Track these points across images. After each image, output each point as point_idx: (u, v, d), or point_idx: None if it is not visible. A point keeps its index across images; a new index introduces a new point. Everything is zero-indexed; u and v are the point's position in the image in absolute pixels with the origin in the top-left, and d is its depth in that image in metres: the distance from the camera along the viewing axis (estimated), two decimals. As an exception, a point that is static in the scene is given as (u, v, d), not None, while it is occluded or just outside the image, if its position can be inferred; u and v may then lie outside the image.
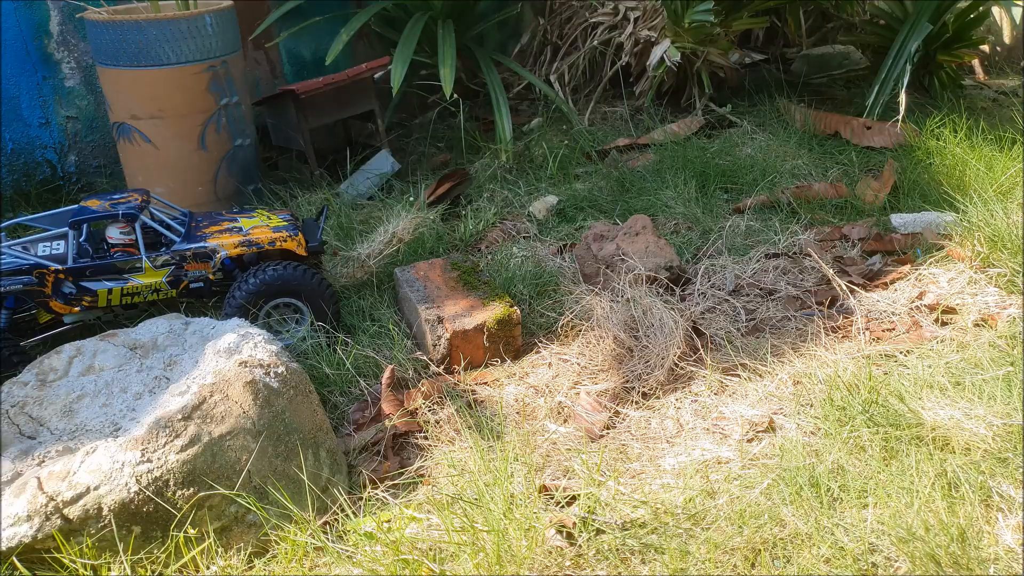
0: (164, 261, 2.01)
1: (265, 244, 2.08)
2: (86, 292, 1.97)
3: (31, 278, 1.94)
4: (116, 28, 2.47)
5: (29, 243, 2.02)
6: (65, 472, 1.39)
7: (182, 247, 2.02)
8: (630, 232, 2.39)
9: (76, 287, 1.96)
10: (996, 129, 3.08)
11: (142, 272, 1.99)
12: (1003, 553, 1.35)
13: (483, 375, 2.03)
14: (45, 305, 1.98)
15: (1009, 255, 2.18)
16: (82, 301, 1.98)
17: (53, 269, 1.94)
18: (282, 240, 2.09)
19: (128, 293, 2.00)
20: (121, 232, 2.00)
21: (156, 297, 2.03)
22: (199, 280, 2.04)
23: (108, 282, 1.98)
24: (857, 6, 4.11)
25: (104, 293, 1.98)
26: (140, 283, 2.00)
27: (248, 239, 2.08)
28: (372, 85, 3.16)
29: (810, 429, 1.69)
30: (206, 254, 2.03)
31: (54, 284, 1.95)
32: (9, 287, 1.92)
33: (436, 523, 1.49)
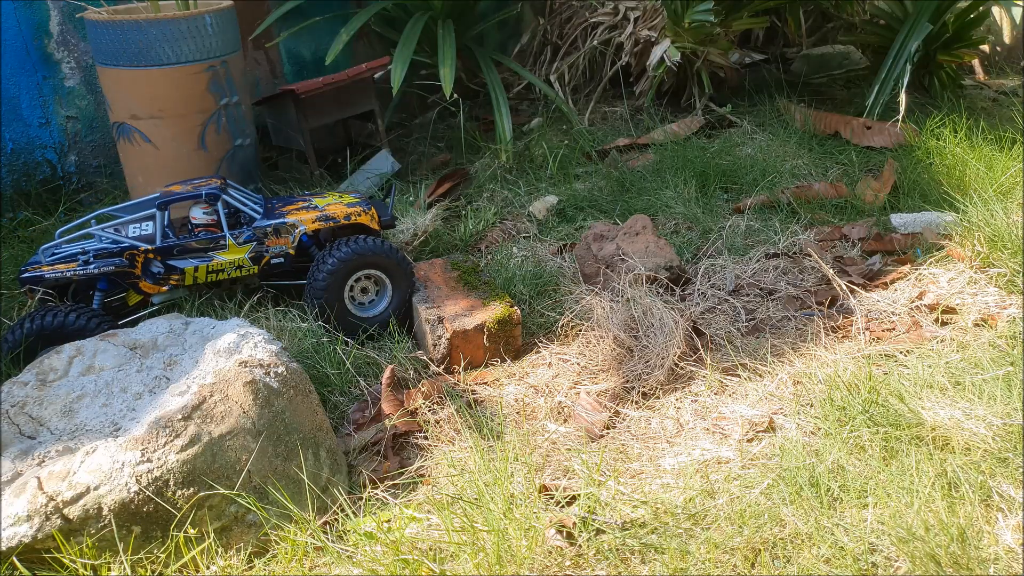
0: (246, 237, 2.11)
1: (341, 219, 2.19)
2: (173, 271, 2.07)
3: (122, 259, 2.04)
4: (116, 28, 2.47)
5: (119, 226, 2.11)
6: (65, 472, 1.39)
7: (263, 223, 2.13)
8: (630, 232, 2.39)
9: (164, 266, 2.06)
10: (996, 129, 3.08)
11: (226, 249, 2.09)
12: (1003, 553, 1.35)
13: (483, 375, 2.03)
14: (135, 286, 2.08)
15: (1009, 255, 2.18)
16: (170, 280, 2.07)
17: (143, 249, 2.04)
18: (356, 215, 2.20)
19: (213, 270, 2.09)
20: (204, 212, 2.10)
21: (239, 274, 2.13)
22: (279, 256, 2.14)
23: (194, 260, 2.08)
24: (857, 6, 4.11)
25: (191, 271, 2.07)
26: (224, 260, 2.10)
27: (325, 214, 2.18)
28: (372, 85, 3.16)
29: (810, 429, 1.69)
30: (286, 229, 2.13)
31: (144, 264, 2.05)
32: (102, 268, 2.02)
33: (436, 523, 1.49)
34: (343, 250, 2.08)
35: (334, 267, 2.06)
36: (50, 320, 1.88)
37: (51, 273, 1.99)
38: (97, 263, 2.02)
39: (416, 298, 2.13)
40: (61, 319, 1.88)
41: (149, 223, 2.12)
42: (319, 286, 2.06)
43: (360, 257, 2.08)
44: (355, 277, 2.10)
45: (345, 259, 2.07)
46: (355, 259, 2.08)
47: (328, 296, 2.07)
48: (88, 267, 2.01)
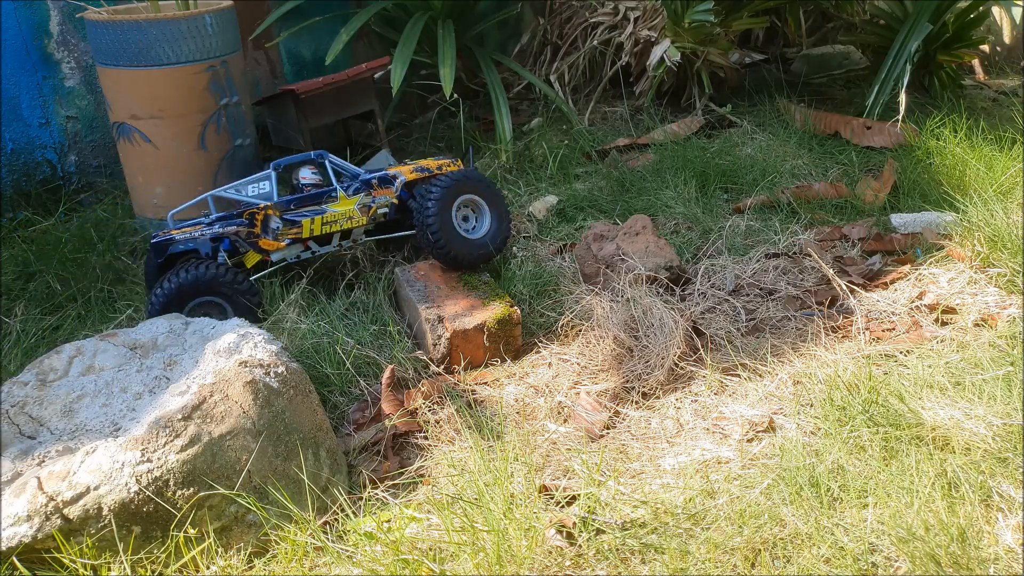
0: (356, 189, 2.29)
1: (434, 169, 2.42)
2: (292, 224, 2.21)
3: (243, 220, 2.18)
4: (116, 28, 2.47)
5: (239, 187, 2.26)
6: (65, 472, 1.39)
7: (367, 176, 2.33)
8: (630, 232, 2.39)
9: (282, 221, 2.20)
10: (996, 129, 3.07)
11: (337, 201, 2.26)
12: (1003, 553, 1.35)
13: (483, 375, 2.03)
14: (255, 245, 2.22)
15: (1009, 255, 2.18)
16: (288, 233, 2.21)
17: (262, 207, 2.19)
18: (447, 165, 2.44)
19: (327, 221, 2.25)
20: (312, 173, 2.30)
21: (350, 224, 2.28)
22: (385, 206, 2.32)
23: (309, 213, 2.23)
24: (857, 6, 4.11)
25: (307, 223, 2.22)
26: (336, 211, 2.26)
27: (420, 166, 2.42)
28: (372, 85, 3.16)
29: (810, 429, 1.69)
30: (388, 179, 2.34)
31: (263, 221, 2.20)
32: (225, 228, 2.16)
33: (436, 523, 1.49)
34: (443, 180, 2.27)
35: (440, 194, 2.23)
36: (203, 271, 2.03)
37: (180, 236, 2.14)
38: (221, 223, 2.16)
39: (416, 298, 2.13)
40: (210, 271, 2.04)
41: (263, 183, 2.26)
42: (431, 215, 2.21)
43: (458, 184, 2.28)
44: (456, 205, 2.28)
45: (447, 186, 2.25)
46: (455, 185, 2.27)
47: (440, 223, 2.21)
48: (213, 228, 2.16)
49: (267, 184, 2.24)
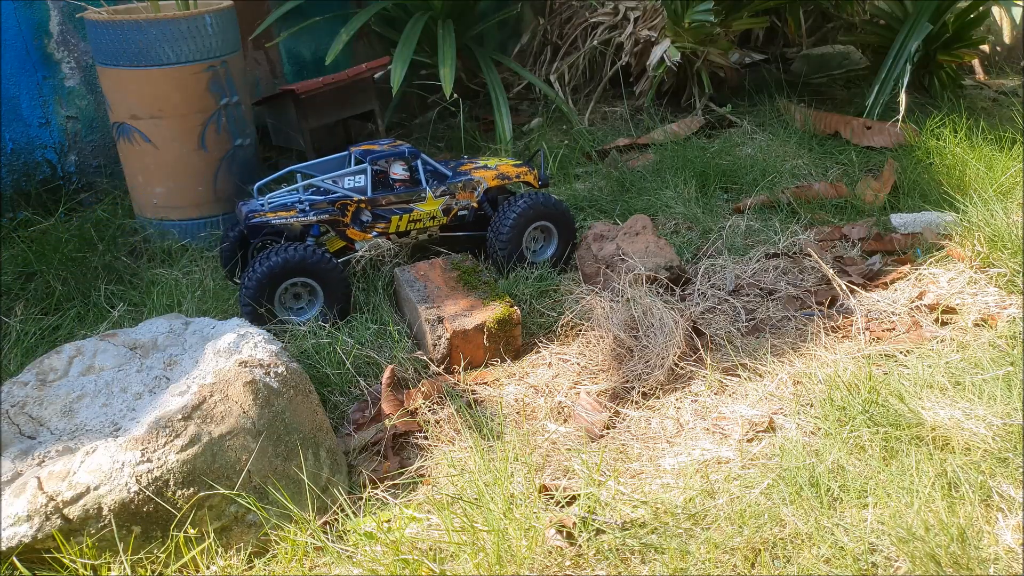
0: (442, 191, 2.36)
1: (512, 177, 2.47)
2: (380, 219, 2.31)
3: (335, 209, 2.26)
4: (116, 28, 2.47)
5: (336, 178, 2.32)
6: (65, 472, 1.39)
7: (455, 179, 2.39)
8: (630, 232, 2.39)
9: (372, 215, 2.30)
10: (996, 129, 3.07)
11: (423, 201, 2.34)
12: (1003, 553, 1.35)
13: (483, 375, 2.03)
14: (342, 233, 2.31)
15: (1009, 255, 2.18)
16: (375, 227, 2.31)
17: (356, 200, 2.28)
18: (524, 174, 2.49)
19: (412, 219, 2.34)
20: (403, 169, 2.35)
21: (432, 224, 2.38)
22: (464, 209, 2.41)
23: (398, 210, 2.32)
24: (857, 6, 4.11)
25: (395, 219, 2.32)
26: (422, 211, 2.35)
27: (500, 173, 2.47)
28: (372, 85, 3.16)
29: (810, 429, 1.69)
30: (472, 185, 2.40)
31: (355, 213, 2.29)
32: (319, 216, 2.24)
33: (436, 523, 1.49)
34: (522, 203, 2.36)
35: (515, 220, 2.34)
36: (298, 252, 2.12)
37: (276, 219, 2.22)
38: (314, 211, 2.24)
39: (416, 298, 2.13)
40: (305, 253, 2.12)
41: (360, 177, 2.34)
42: (504, 237, 2.35)
43: (535, 209, 2.37)
44: (530, 230, 2.39)
45: (524, 210, 2.35)
46: (531, 212, 2.36)
47: (511, 246, 2.36)
48: (307, 215, 2.23)
49: (363, 178, 2.33)
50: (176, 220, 2.68)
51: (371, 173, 2.30)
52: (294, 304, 2.19)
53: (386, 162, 2.33)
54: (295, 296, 2.18)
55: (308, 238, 2.25)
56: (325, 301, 2.18)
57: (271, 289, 2.11)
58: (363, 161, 2.32)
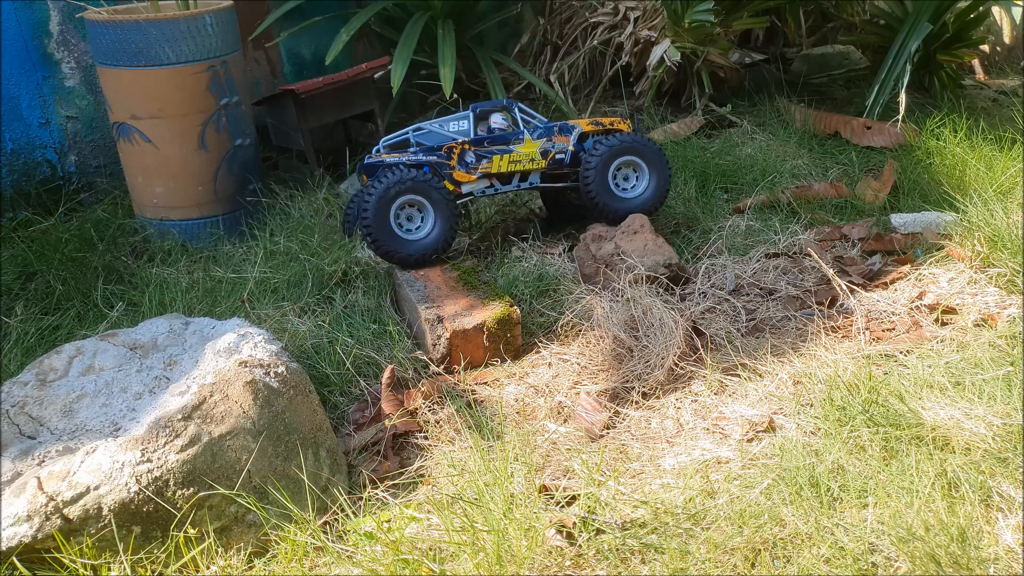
0: (539, 134, 2.52)
1: (606, 124, 2.62)
2: (483, 159, 2.47)
3: (442, 152, 2.45)
4: (116, 28, 2.47)
5: (442, 122, 2.52)
6: (65, 472, 1.39)
7: (551, 124, 2.56)
8: (628, 231, 2.39)
9: (475, 156, 2.47)
10: (996, 129, 3.07)
11: (523, 143, 2.50)
12: (1003, 553, 1.35)
13: (483, 375, 2.03)
14: (449, 176, 2.47)
15: (1009, 255, 2.18)
16: (479, 167, 2.48)
17: (460, 142, 2.47)
18: (619, 122, 2.64)
19: (513, 160, 2.50)
20: (503, 119, 2.53)
21: (531, 166, 2.52)
22: (562, 152, 2.54)
23: (498, 150, 2.49)
24: (857, 6, 4.11)
25: (496, 159, 2.48)
26: (521, 152, 2.50)
27: (595, 120, 2.63)
28: (372, 85, 3.16)
29: (810, 429, 1.69)
30: (568, 128, 2.56)
31: (460, 155, 2.46)
32: (427, 157, 2.44)
33: (436, 523, 1.49)
34: (606, 140, 2.51)
35: (600, 153, 2.48)
36: (407, 172, 2.31)
37: (389, 158, 2.42)
38: (423, 151, 2.44)
39: (416, 298, 2.13)
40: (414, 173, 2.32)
41: (463, 122, 2.52)
42: (590, 173, 2.47)
43: (620, 143, 2.50)
44: (616, 166, 2.51)
45: (609, 144, 2.49)
46: (617, 145, 2.49)
47: (597, 182, 2.47)
48: (417, 155, 2.44)
49: (466, 123, 2.50)
50: (176, 220, 2.68)
51: (472, 117, 2.49)
52: (409, 225, 2.36)
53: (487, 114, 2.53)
54: (408, 218, 2.36)
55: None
56: (435, 221, 2.35)
57: (386, 208, 2.29)
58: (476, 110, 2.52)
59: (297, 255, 2.43)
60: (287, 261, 2.42)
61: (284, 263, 2.41)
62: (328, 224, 2.66)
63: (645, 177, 2.54)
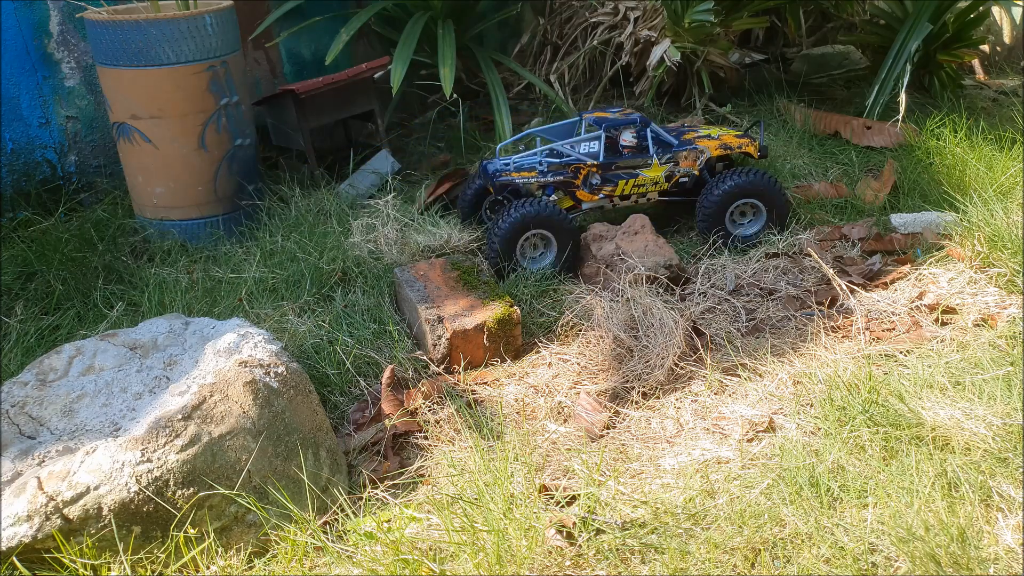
0: (667, 159, 2.52)
1: (735, 148, 2.59)
2: (608, 183, 2.51)
3: (569, 172, 2.50)
4: (116, 28, 2.47)
5: (574, 143, 2.53)
6: (65, 472, 1.39)
7: (679, 148, 2.54)
8: (629, 231, 2.39)
9: (602, 179, 2.50)
10: (996, 129, 3.07)
11: (649, 168, 2.51)
12: (1003, 553, 1.35)
13: (483, 375, 2.03)
14: (572, 194, 2.53)
15: (1009, 255, 2.18)
16: (603, 190, 2.52)
17: (588, 164, 2.50)
18: (745, 145, 2.59)
19: (637, 184, 2.53)
20: (632, 136, 2.52)
21: (654, 189, 2.55)
22: (685, 176, 2.55)
23: (624, 175, 2.51)
24: (857, 6, 4.11)
25: (622, 184, 2.51)
26: (646, 176, 2.52)
27: (723, 143, 2.59)
28: (372, 85, 3.16)
29: (810, 429, 1.69)
30: (695, 154, 2.54)
31: (586, 176, 2.50)
32: (555, 178, 2.50)
33: (436, 523, 1.49)
34: (729, 182, 2.47)
35: (720, 196, 2.46)
36: (541, 207, 2.35)
37: (519, 179, 2.49)
38: (551, 173, 2.49)
39: (416, 298, 2.13)
40: (548, 208, 2.35)
41: (594, 143, 2.52)
42: (707, 211, 2.48)
43: (740, 187, 2.47)
44: (736, 205, 2.50)
45: (729, 190, 2.46)
46: (736, 190, 2.47)
47: (712, 219, 2.49)
48: (545, 176, 2.49)
49: (596, 145, 2.51)
50: (176, 220, 2.68)
51: (604, 140, 2.49)
52: (533, 253, 2.41)
53: (616, 129, 2.51)
54: (533, 246, 2.41)
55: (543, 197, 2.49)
56: (557, 250, 2.38)
57: (514, 239, 2.35)
58: (596, 128, 2.51)
59: (296, 255, 2.43)
60: (286, 260, 2.42)
61: (283, 262, 2.41)
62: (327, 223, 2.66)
63: (763, 216, 2.52)
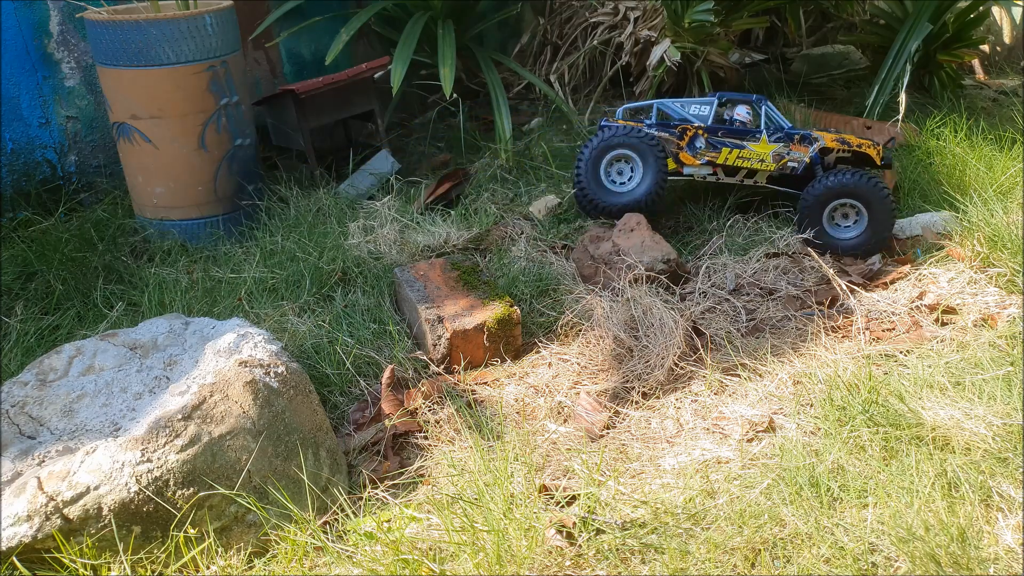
0: (777, 138, 2.51)
1: (854, 145, 2.54)
2: (712, 148, 2.51)
3: (675, 131, 2.52)
4: (116, 28, 2.47)
5: (684, 103, 2.56)
6: (65, 472, 1.39)
7: (792, 131, 2.52)
8: (624, 229, 2.39)
9: (706, 143, 2.51)
10: (996, 129, 3.07)
11: (757, 143, 2.50)
12: (1003, 553, 1.35)
13: (483, 375, 2.03)
14: (675, 155, 2.54)
15: (1009, 255, 2.18)
16: (706, 155, 2.52)
17: (695, 126, 2.52)
18: (867, 146, 2.54)
19: (741, 156, 2.51)
20: (747, 113, 2.54)
21: (759, 167, 2.53)
22: (795, 161, 2.52)
23: (730, 144, 2.51)
24: (857, 6, 4.11)
25: (725, 152, 2.51)
26: (752, 151, 2.51)
27: (842, 137, 2.55)
28: (372, 85, 3.16)
29: (810, 429, 1.69)
30: (808, 140, 2.52)
31: (691, 138, 2.51)
32: (659, 132, 2.52)
33: (436, 523, 1.49)
34: (833, 179, 2.43)
35: (821, 191, 2.43)
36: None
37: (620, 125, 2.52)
38: (656, 127, 2.52)
39: (416, 298, 2.13)
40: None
41: (704, 107, 2.55)
42: (806, 204, 2.45)
43: (843, 185, 2.41)
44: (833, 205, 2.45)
45: (831, 185, 2.42)
46: (838, 187, 2.42)
47: (810, 215, 2.45)
48: (651, 128, 2.53)
49: (707, 108, 2.54)
50: (176, 220, 2.68)
51: (715, 105, 2.52)
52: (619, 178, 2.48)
53: (732, 101, 2.55)
54: (619, 172, 2.47)
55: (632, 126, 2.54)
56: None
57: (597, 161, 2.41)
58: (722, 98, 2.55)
59: (295, 254, 2.43)
60: (286, 260, 2.42)
61: (283, 262, 2.41)
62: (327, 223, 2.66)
63: (864, 221, 2.45)
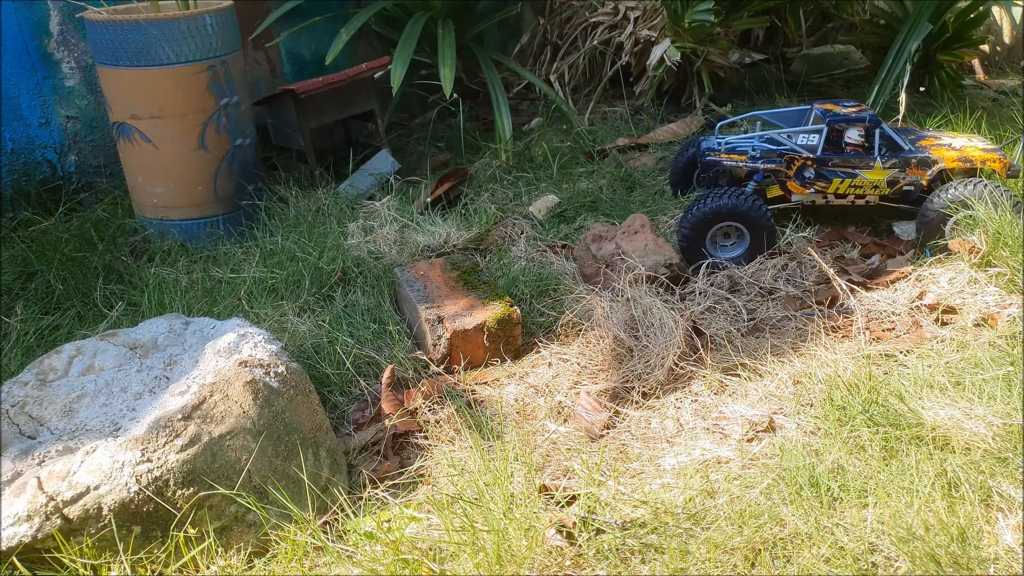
0: (892, 163, 2.39)
1: (977, 163, 2.39)
2: (822, 179, 2.43)
3: (781, 160, 2.44)
4: (116, 28, 2.47)
5: (792, 133, 2.49)
6: (65, 472, 1.39)
7: (909, 154, 2.39)
8: (628, 231, 2.39)
9: (816, 173, 2.43)
10: (996, 129, 3.07)
11: (871, 170, 2.39)
12: (1003, 553, 1.35)
13: (483, 375, 2.03)
14: (783, 184, 2.48)
15: (1010, 254, 2.18)
16: (815, 185, 2.44)
17: (804, 156, 2.42)
18: (991, 160, 2.39)
19: (853, 186, 2.42)
20: (859, 135, 2.41)
21: (872, 193, 2.43)
22: (911, 185, 2.41)
23: (842, 174, 2.42)
24: (857, 6, 4.11)
25: (836, 182, 2.42)
26: (866, 179, 2.40)
27: (964, 156, 2.41)
28: (372, 85, 3.16)
29: (810, 429, 1.69)
30: (927, 163, 2.39)
31: (799, 168, 2.44)
32: (765, 165, 2.45)
33: (436, 523, 1.49)
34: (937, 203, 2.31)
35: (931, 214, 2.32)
36: (736, 199, 2.30)
37: (728, 162, 2.47)
38: (762, 160, 2.45)
39: (416, 298, 2.13)
40: (743, 201, 2.30)
41: (813, 136, 2.46)
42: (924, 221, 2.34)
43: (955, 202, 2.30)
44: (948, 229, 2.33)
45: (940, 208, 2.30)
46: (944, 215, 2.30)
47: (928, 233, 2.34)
48: (756, 162, 2.45)
49: (816, 138, 2.45)
50: (176, 220, 2.68)
51: (825, 134, 2.41)
52: (724, 242, 2.39)
53: (843, 125, 2.42)
54: (725, 235, 2.38)
55: (750, 182, 2.47)
56: (750, 241, 2.35)
57: (706, 229, 2.33)
58: (823, 121, 2.43)
59: (295, 254, 2.43)
60: (285, 260, 2.42)
61: (283, 262, 2.41)
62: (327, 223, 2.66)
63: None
